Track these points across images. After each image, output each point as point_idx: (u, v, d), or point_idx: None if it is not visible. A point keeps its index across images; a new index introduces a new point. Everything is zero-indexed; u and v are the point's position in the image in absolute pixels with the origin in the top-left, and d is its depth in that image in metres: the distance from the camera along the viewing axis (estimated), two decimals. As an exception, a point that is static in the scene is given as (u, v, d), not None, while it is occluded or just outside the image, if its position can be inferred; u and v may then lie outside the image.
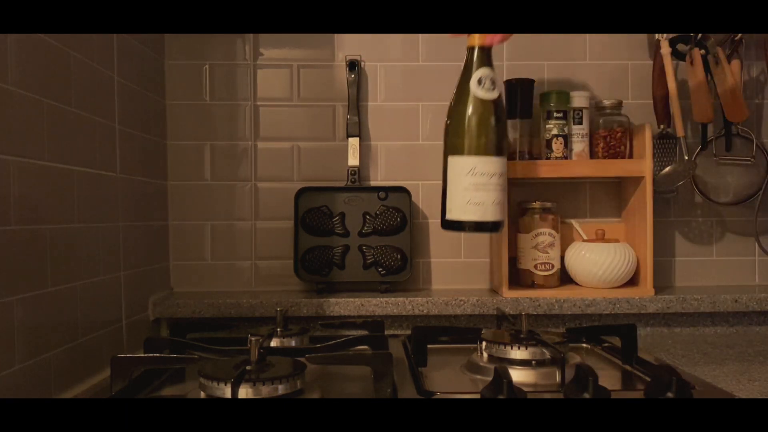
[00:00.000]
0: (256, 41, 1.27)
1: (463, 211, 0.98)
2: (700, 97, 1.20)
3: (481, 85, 0.98)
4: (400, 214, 1.23)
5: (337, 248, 1.23)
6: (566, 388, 0.73)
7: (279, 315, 1.01)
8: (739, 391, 0.82)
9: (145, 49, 1.15)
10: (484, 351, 0.91)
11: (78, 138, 0.87)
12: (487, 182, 0.98)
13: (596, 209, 1.29)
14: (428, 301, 1.15)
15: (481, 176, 0.97)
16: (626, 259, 1.18)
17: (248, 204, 1.27)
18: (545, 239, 1.19)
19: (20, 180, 0.73)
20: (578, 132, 1.21)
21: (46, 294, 0.78)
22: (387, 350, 0.86)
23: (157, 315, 1.14)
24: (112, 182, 0.98)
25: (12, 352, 0.71)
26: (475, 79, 0.99)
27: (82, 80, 0.88)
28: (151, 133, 1.17)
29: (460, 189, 0.99)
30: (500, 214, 0.99)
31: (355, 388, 0.85)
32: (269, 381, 0.72)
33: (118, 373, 0.79)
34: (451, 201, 1.00)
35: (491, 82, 0.98)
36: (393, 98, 1.28)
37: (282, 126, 1.28)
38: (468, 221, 0.98)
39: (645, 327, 1.20)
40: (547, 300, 1.15)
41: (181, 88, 1.26)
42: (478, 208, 0.97)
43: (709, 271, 1.31)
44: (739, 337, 1.17)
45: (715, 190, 1.29)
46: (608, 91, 1.27)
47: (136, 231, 1.08)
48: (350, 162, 1.25)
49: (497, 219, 0.98)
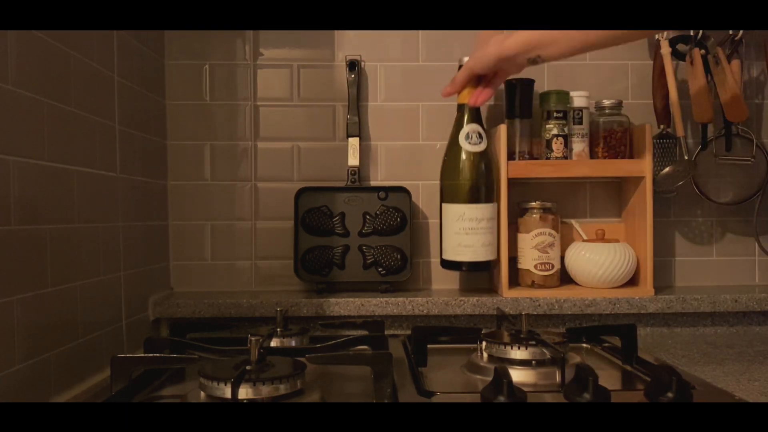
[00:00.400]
0: (256, 41, 1.27)
1: (456, 252, 1.14)
2: (700, 97, 1.20)
3: (468, 140, 1.12)
4: (400, 214, 1.23)
5: (337, 248, 1.23)
6: (566, 388, 0.73)
7: (279, 315, 1.01)
8: (739, 391, 0.82)
9: (145, 49, 1.15)
10: (484, 351, 0.91)
11: (78, 138, 0.87)
12: (475, 227, 1.12)
13: (596, 209, 1.29)
14: (428, 301, 1.15)
15: (470, 221, 1.13)
16: (626, 259, 1.18)
17: (248, 204, 1.27)
18: (545, 239, 1.19)
19: (20, 180, 0.73)
20: (578, 132, 1.21)
21: (46, 294, 0.78)
22: (387, 350, 0.86)
23: (157, 315, 1.14)
24: (112, 182, 0.98)
25: (12, 352, 0.72)
26: (463, 134, 1.13)
27: (82, 80, 0.88)
28: (151, 133, 1.17)
29: (451, 233, 1.14)
30: (490, 255, 1.14)
31: (355, 388, 0.85)
32: (269, 381, 0.72)
33: (118, 373, 0.79)
34: (445, 243, 1.16)
35: (478, 136, 1.12)
36: (393, 98, 1.28)
37: (282, 126, 1.28)
38: (460, 261, 1.14)
39: (645, 327, 1.20)
40: (547, 300, 1.15)
41: (181, 88, 1.26)
42: (469, 250, 1.13)
43: (709, 271, 1.31)
44: (739, 337, 1.17)
45: (715, 190, 1.29)
46: (608, 91, 1.27)
47: (136, 231, 1.08)
48: (350, 162, 1.25)
49: (487, 259, 1.14)
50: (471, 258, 1.13)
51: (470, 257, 1.13)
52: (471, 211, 1.12)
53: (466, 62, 1.06)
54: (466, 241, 1.12)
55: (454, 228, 1.13)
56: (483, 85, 1.07)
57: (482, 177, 1.14)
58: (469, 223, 1.12)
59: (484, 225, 1.12)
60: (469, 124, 1.13)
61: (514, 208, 1.21)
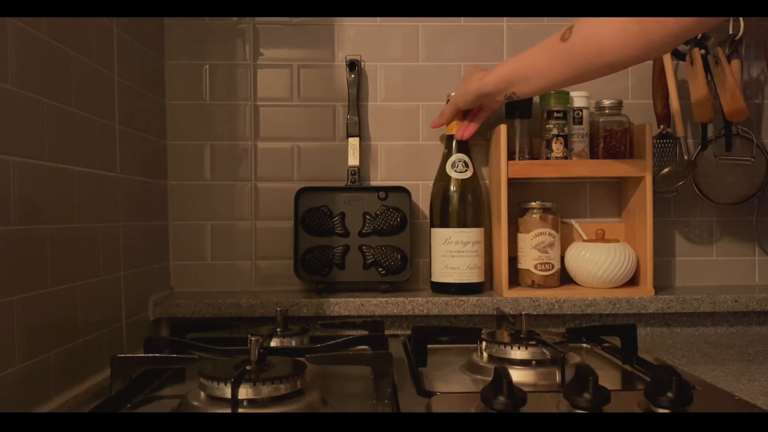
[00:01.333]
0: (256, 41, 1.27)
1: (442, 274, 1.19)
2: (700, 97, 1.20)
3: (455, 168, 1.19)
4: (400, 214, 1.23)
5: (337, 248, 1.23)
6: (566, 388, 0.73)
7: (279, 315, 1.01)
8: (740, 391, 0.82)
9: (145, 49, 1.15)
10: (484, 351, 0.91)
11: (78, 138, 0.87)
12: (461, 250, 1.17)
13: (596, 209, 1.29)
14: (428, 301, 1.15)
15: (456, 245, 1.18)
16: (626, 259, 1.18)
17: (248, 204, 1.27)
18: (545, 239, 1.19)
19: (20, 180, 0.73)
20: (578, 132, 1.21)
21: (46, 294, 0.78)
22: (387, 350, 0.86)
23: (157, 315, 1.14)
24: (112, 182, 0.98)
25: (12, 352, 0.71)
26: (449, 163, 1.20)
27: (82, 80, 0.88)
28: (151, 133, 1.17)
29: (438, 256, 1.20)
30: (476, 277, 1.19)
31: (355, 388, 0.85)
32: (269, 381, 0.72)
33: (118, 373, 0.79)
34: (433, 265, 1.21)
35: (464, 165, 1.19)
36: (393, 98, 1.28)
37: (282, 126, 1.28)
38: (448, 283, 1.18)
39: (645, 327, 1.20)
40: (547, 300, 1.15)
41: (181, 88, 1.26)
42: (455, 272, 1.18)
43: (709, 271, 1.31)
44: (739, 337, 1.17)
45: (715, 190, 1.29)
46: (608, 91, 1.27)
47: (136, 231, 1.08)
48: (350, 162, 1.25)
49: (474, 281, 1.18)
50: (457, 280, 1.18)
51: (456, 279, 1.18)
52: (457, 235, 1.18)
53: (452, 97, 1.17)
54: (452, 263, 1.18)
55: (441, 251, 1.19)
56: (468, 118, 1.19)
57: (468, 203, 1.20)
58: (456, 246, 1.17)
59: (470, 248, 1.17)
60: (455, 154, 1.20)
61: (514, 208, 1.21)
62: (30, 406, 0.75)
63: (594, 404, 0.67)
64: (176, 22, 1.25)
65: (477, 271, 1.19)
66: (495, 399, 0.67)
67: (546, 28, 1.27)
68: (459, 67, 1.28)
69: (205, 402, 0.73)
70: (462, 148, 1.20)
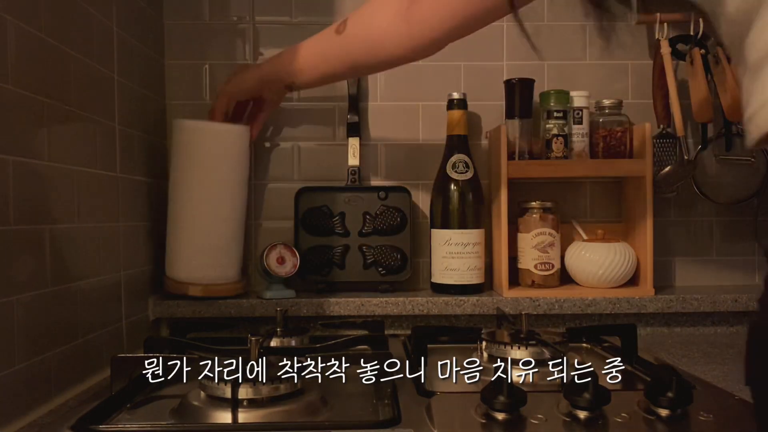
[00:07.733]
0: (256, 41, 1.27)
1: (442, 275, 1.18)
2: (700, 97, 1.20)
3: (455, 169, 1.18)
4: (400, 214, 1.23)
5: (337, 248, 1.23)
6: (566, 388, 0.73)
7: (279, 315, 1.01)
8: (740, 391, 0.82)
9: (145, 48, 1.15)
10: (484, 351, 0.91)
11: (78, 138, 0.87)
12: (461, 251, 1.17)
13: (596, 209, 1.29)
14: (428, 300, 1.15)
15: (456, 246, 1.17)
16: (626, 259, 1.18)
17: (248, 204, 1.27)
18: (545, 239, 1.19)
19: (20, 180, 0.73)
20: (578, 132, 1.21)
21: (46, 294, 0.78)
22: (387, 350, 0.86)
23: (157, 315, 1.14)
24: (112, 182, 0.98)
25: (12, 352, 0.71)
26: (450, 164, 1.18)
27: (82, 80, 0.88)
28: (151, 133, 1.17)
29: (439, 257, 1.19)
30: (476, 278, 1.18)
31: (355, 388, 0.85)
32: (269, 381, 0.72)
33: (118, 373, 0.79)
34: (433, 266, 1.20)
35: (464, 165, 1.18)
36: (393, 98, 1.28)
37: (282, 126, 1.28)
38: (448, 284, 1.18)
39: (645, 327, 1.20)
40: (547, 300, 1.15)
41: (181, 88, 1.26)
42: (455, 274, 1.17)
43: (709, 271, 1.31)
44: (739, 337, 1.17)
45: (715, 190, 1.29)
46: (608, 91, 1.27)
47: (136, 231, 1.08)
48: (350, 162, 1.25)
49: (474, 282, 1.18)
50: (457, 281, 1.17)
51: (456, 281, 1.17)
52: (457, 237, 1.17)
53: (223, 87, 1.09)
54: (452, 264, 1.17)
55: (441, 252, 1.18)
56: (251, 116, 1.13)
57: (468, 204, 1.19)
58: (456, 247, 1.17)
59: (470, 249, 1.17)
60: (456, 155, 1.19)
61: (514, 208, 1.21)
62: (30, 406, 0.75)
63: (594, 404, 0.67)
64: (176, 22, 1.25)
65: (477, 272, 1.19)
66: (495, 399, 0.67)
67: (546, 28, 1.27)
68: (459, 67, 1.28)
69: (206, 402, 0.73)
70: (463, 149, 1.20)
